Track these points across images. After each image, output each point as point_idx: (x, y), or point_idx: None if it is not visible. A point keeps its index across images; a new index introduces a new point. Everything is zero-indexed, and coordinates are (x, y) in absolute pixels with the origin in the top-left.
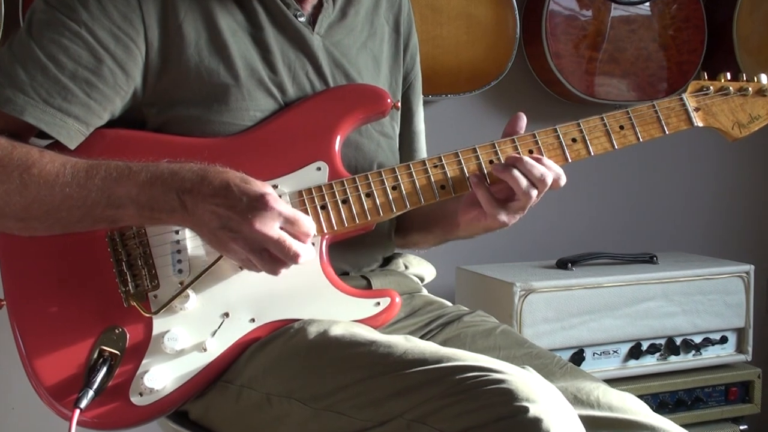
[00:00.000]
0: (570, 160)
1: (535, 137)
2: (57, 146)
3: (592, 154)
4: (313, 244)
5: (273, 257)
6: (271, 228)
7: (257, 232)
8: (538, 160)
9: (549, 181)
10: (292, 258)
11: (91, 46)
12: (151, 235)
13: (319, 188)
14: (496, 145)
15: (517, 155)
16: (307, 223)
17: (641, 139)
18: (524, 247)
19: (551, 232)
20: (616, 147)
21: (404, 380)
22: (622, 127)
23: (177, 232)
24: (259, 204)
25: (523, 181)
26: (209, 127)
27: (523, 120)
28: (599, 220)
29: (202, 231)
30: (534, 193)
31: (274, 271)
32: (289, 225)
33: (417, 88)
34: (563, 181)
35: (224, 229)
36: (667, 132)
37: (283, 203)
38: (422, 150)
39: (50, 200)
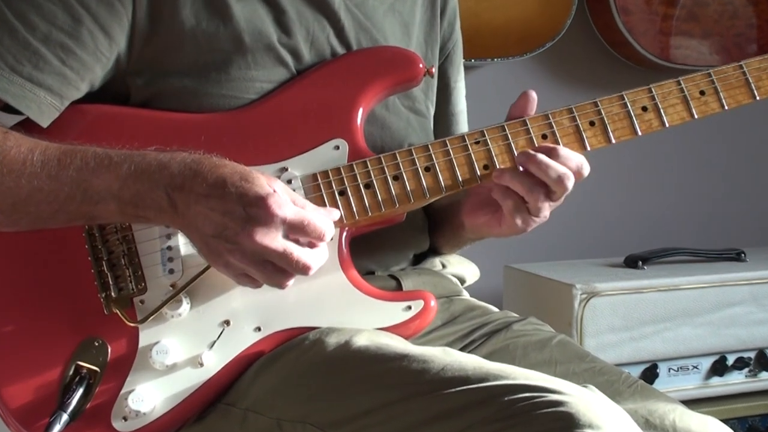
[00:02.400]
0: (640, 133)
1: (597, 106)
2: (26, 124)
3: (667, 125)
4: (331, 238)
5: (278, 269)
6: (274, 239)
7: (257, 245)
8: (550, 153)
9: (569, 183)
10: (301, 270)
11: (67, 4)
12: (137, 228)
13: (338, 170)
14: (550, 116)
15: (530, 153)
16: (320, 224)
17: (726, 107)
18: (586, 241)
19: (618, 223)
20: (695, 116)
21: (443, 402)
22: (702, 93)
23: (168, 225)
24: (259, 210)
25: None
26: (206, 101)
27: (534, 99)
28: (676, 210)
29: (193, 236)
30: (546, 204)
31: (279, 285)
32: (297, 231)
33: (456, 59)
34: (586, 170)
35: (219, 239)
36: (757, 97)
37: (288, 206)
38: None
39: (16, 192)
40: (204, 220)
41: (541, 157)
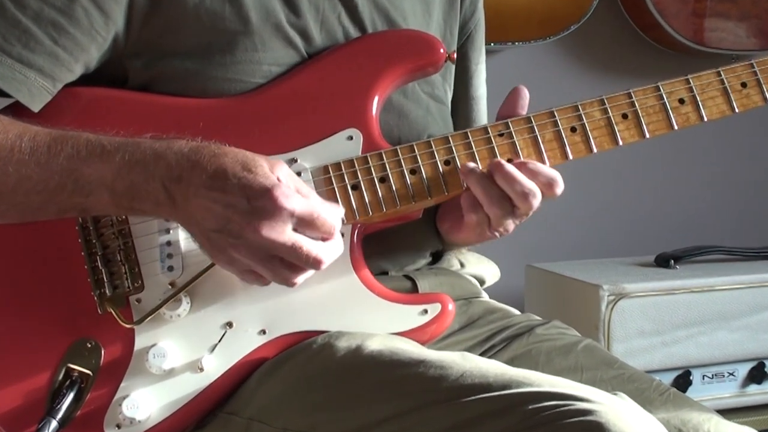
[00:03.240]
0: (677, 128)
1: (630, 97)
2: (15, 108)
3: (705, 119)
4: (343, 234)
5: (287, 265)
6: (282, 232)
7: (264, 239)
8: (521, 167)
9: (534, 201)
10: (312, 264)
11: None
12: (135, 222)
13: (351, 162)
14: (579, 107)
15: (498, 162)
16: (330, 217)
17: None
18: (614, 239)
19: (649, 219)
20: (736, 110)
21: (462, 412)
22: (744, 85)
23: (167, 220)
24: (265, 203)
25: (497, 197)
26: (210, 85)
27: (525, 96)
28: (711, 205)
29: (194, 231)
30: (509, 219)
31: (288, 281)
32: (306, 225)
33: (478, 40)
34: (559, 188)
35: (222, 233)
36: None
37: (296, 197)
38: (482, 120)
39: (3, 181)
40: (205, 214)
41: (509, 168)
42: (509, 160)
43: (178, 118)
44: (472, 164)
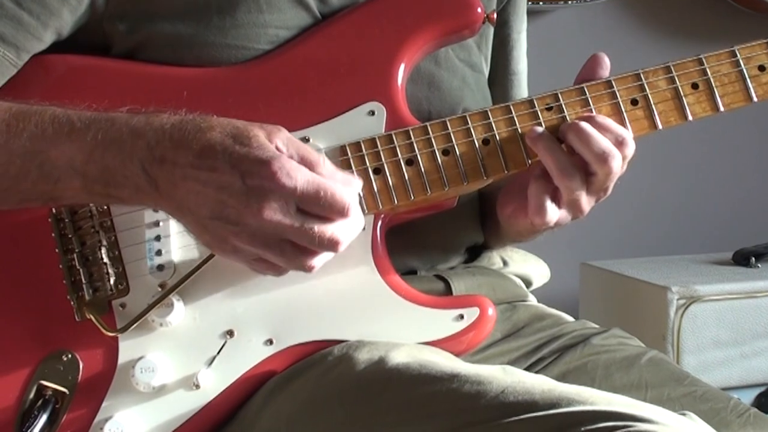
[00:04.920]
0: (756, 99)
1: (702, 64)
2: None
3: None
4: (363, 228)
5: (298, 248)
6: (287, 213)
7: (267, 222)
8: (591, 122)
9: (613, 163)
10: (327, 246)
11: None
12: (118, 213)
13: (373, 142)
14: (642, 76)
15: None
16: (342, 193)
17: None
18: (684, 233)
19: (725, 211)
20: None
21: None
22: None
23: (156, 210)
24: (263, 181)
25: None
26: (206, 52)
27: (606, 66)
28: None
29: (188, 220)
30: (583, 193)
31: (304, 266)
32: (312, 205)
33: (520, 3)
34: (629, 149)
35: (219, 220)
36: None
37: (299, 172)
38: (524, 95)
39: None
40: (196, 199)
41: (584, 125)
42: (559, 140)
43: (166, 90)
44: (540, 128)
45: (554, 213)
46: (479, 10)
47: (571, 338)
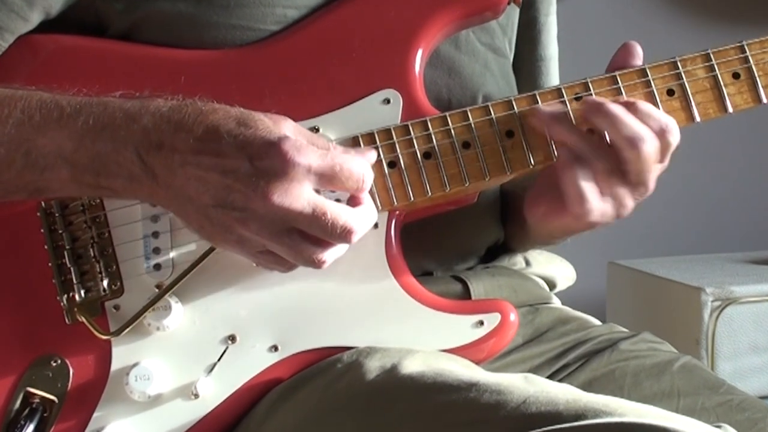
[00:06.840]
0: None
1: (744, 51)
2: None
3: None
4: (377, 225)
5: (307, 239)
6: (299, 196)
7: (277, 208)
8: (629, 107)
9: (645, 147)
10: (340, 236)
11: None
12: (112, 207)
13: (388, 133)
14: (679, 65)
15: (598, 101)
16: (357, 166)
17: None
18: (719, 229)
19: (763, 208)
20: None
21: None
22: None
23: (153, 205)
24: (273, 161)
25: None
26: (208, 34)
27: (638, 55)
28: None
29: (187, 211)
30: (619, 186)
31: (313, 261)
32: (328, 181)
33: None
34: (673, 137)
35: (224, 208)
36: None
37: (310, 149)
38: (554, 84)
39: None
40: (198, 186)
41: (611, 107)
42: (590, 131)
43: (163, 74)
44: (548, 108)
45: (596, 199)
46: None
47: (598, 343)
